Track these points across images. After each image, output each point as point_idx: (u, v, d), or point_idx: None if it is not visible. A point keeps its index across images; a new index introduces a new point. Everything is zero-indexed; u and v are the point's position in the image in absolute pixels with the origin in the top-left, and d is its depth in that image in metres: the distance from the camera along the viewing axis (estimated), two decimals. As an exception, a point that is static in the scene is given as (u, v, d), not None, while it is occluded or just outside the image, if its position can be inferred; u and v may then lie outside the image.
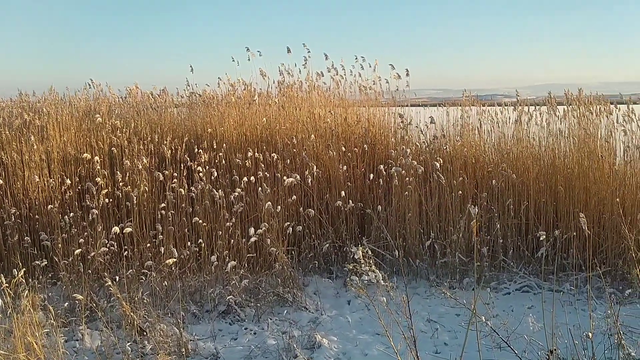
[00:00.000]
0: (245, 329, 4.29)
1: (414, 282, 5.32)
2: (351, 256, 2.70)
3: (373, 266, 2.22)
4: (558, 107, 5.97)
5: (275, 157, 5.58)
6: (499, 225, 5.25)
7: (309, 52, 6.74)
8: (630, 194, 5.17)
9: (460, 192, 5.42)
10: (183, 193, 5.04)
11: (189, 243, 4.85)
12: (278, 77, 6.99)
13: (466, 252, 5.28)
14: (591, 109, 5.69)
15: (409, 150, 5.70)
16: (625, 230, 3.22)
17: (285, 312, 4.50)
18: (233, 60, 6.79)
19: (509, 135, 6.05)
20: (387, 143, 6.41)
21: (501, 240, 5.28)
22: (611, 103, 5.80)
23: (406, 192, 5.46)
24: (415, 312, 4.54)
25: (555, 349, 2.68)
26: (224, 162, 5.55)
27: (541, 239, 3.73)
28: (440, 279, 5.24)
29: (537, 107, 6.12)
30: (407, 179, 5.46)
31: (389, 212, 5.56)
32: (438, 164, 5.42)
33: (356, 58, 6.70)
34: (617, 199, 4.78)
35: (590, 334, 3.20)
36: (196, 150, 5.54)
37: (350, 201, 5.50)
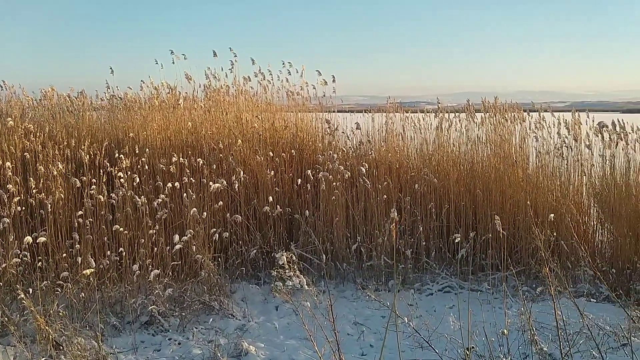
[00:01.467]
0: (169, 339, 4.16)
1: (342, 286, 5.38)
2: (278, 262, 2.70)
3: (297, 271, 2.21)
4: (476, 114, 6.26)
5: (201, 162, 5.47)
6: (421, 228, 5.42)
7: (235, 56, 6.69)
8: (542, 197, 5.49)
9: (385, 196, 5.55)
10: (102, 200, 4.82)
11: (108, 252, 4.65)
12: (204, 81, 6.89)
13: (391, 255, 5.40)
14: (506, 116, 6.00)
15: (336, 156, 5.77)
16: (535, 231, 3.41)
17: (212, 320, 4.41)
18: (157, 63, 6.62)
19: (431, 141, 6.26)
20: (315, 148, 6.46)
21: (424, 243, 5.45)
22: (524, 111, 6.16)
23: (333, 197, 5.53)
24: (342, 316, 4.60)
25: (472, 347, 2.79)
26: (146, 167, 5.36)
27: (456, 241, 3.88)
28: (367, 281, 5.33)
29: (456, 114, 6.38)
30: (334, 183, 5.53)
31: (316, 216, 5.60)
32: (364, 169, 5.52)
33: (283, 63, 6.73)
34: (529, 202, 5.06)
35: (505, 331, 3.36)
36: (117, 155, 5.33)
37: (278, 206, 5.49)
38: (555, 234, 5.00)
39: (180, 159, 5.44)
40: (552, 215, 4.96)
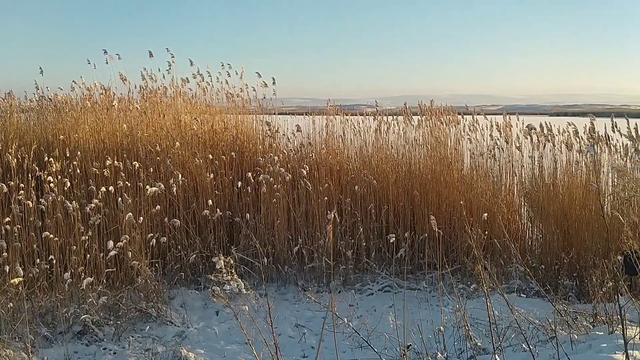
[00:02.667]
0: (104, 349, 4.03)
1: (283, 288, 5.37)
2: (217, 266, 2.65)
3: (235, 275, 2.19)
4: (413, 117, 6.41)
5: (137, 165, 5.31)
6: (362, 229, 5.48)
7: (172, 57, 6.55)
8: (476, 197, 5.69)
9: (327, 198, 5.59)
10: (31, 205, 4.60)
11: (38, 260, 4.44)
12: (140, 82, 6.71)
13: (332, 256, 5.44)
14: (442, 119, 6.18)
15: (276, 158, 5.76)
16: (468, 230, 3.53)
17: (148, 328, 4.30)
18: (89, 63, 6.38)
19: (370, 144, 6.36)
20: (256, 151, 6.42)
21: (364, 243, 5.52)
22: (459, 114, 6.36)
23: (274, 200, 5.51)
24: (284, 318, 4.60)
25: (409, 345, 2.85)
26: (78, 171, 5.15)
27: (391, 241, 3.95)
28: (309, 283, 5.34)
29: (394, 117, 6.51)
30: (276, 186, 5.51)
31: (257, 219, 5.57)
32: (305, 171, 5.54)
33: (222, 65, 6.65)
34: (462, 202, 5.23)
35: (442, 328, 3.46)
36: (46, 158, 5.09)
37: (218, 210, 5.42)
38: (487, 232, 5.19)
39: (115, 162, 5.26)
40: (485, 214, 5.15)
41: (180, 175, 5.38)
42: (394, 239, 3.93)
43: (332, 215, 2.80)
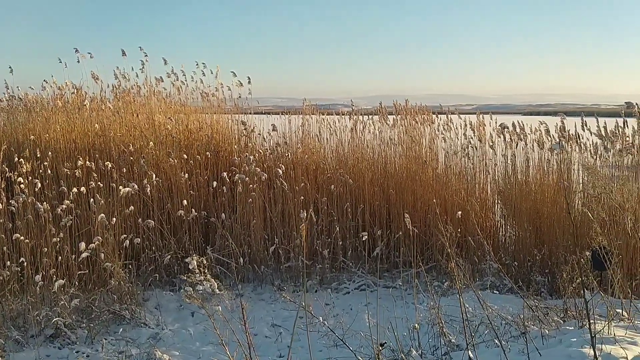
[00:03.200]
0: (77, 352, 3.97)
1: (260, 288, 5.36)
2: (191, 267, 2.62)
3: (208, 275, 2.17)
4: (389, 116, 6.45)
5: (110, 165, 5.23)
6: (338, 228, 5.50)
7: (146, 55, 6.46)
8: (451, 196, 5.75)
9: (303, 197, 5.59)
10: (1, 207, 4.50)
11: (8, 262, 4.34)
12: (113, 81, 6.61)
13: (309, 256, 5.45)
14: (417, 118, 6.23)
15: (252, 157, 5.74)
16: (441, 228, 3.57)
17: (122, 330, 4.24)
18: (60, 62, 6.26)
19: (346, 143, 6.38)
20: (231, 150, 6.38)
21: (341, 242, 5.54)
22: (433, 113, 6.43)
23: (250, 199, 5.48)
24: (260, 318, 4.58)
25: (385, 342, 2.87)
26: (49, 172, 5.06)
27: (363, 239, 3.97)
28: (285, 283, 5.34)
29: (370, 116, 6.54)
30: (251, 186, 5.49)
31: (233, 219, 5.54)
32: (281, 171, 5.53)
33: (197, 64, 6.59)
34: (434, 200, 5.28)
35: (417, 325, 3.49)
36: (17, 159, 4.99)
37: (194, 210, 5.37)
38: (461, 230, 5.25)
39: (87, 162, 5.17)
40: (459, 212, 5.20)
41: (154, 176, 5.32)
42: (366, 236, 3.95)
43: (305, 214, 2.79)
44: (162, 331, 4.33)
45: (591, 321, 2.25)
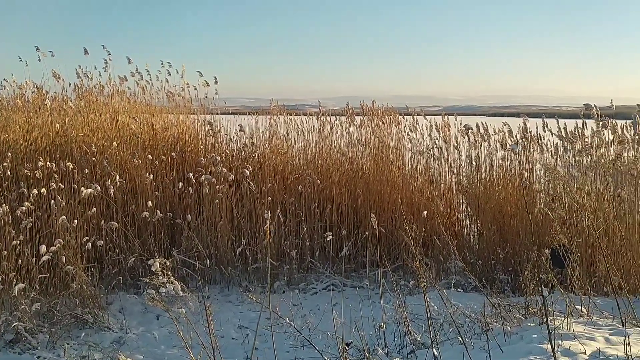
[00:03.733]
0: (38, 357, 3.87)
1: (227, 290, 5.32)
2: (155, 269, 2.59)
3: (172, 277, 2.14)
4: (356, 117, 6.49)
5: (72, 166, 5.11)
6: (305, 229, 5.50)
7: (109, 54, 6.34)
8: (417, 196, 5.82)
9: (270, 198, 5.57)
10: (-44, 210, 4.34)
11: (-35, 266, 4.20)
12: (75, 80, 6.46)
13: (277, 256, 5.43)
14: (383, 119, 6.29)
15: (219, 158, 5.69)
16: (406, 228, 3.62)
17: (84, 334, 4.15)
18: (20, 60, 6.09)
19: (314, 143, 6.39)
20: (197, 151, 6.32)
21: (308, 243, 5.54)
22: (400, 114, 6.49)
23: (217, 200, 5.44)
24: (227, 320, 4.55)
25: (351, 342, 2.88)
26: (9, 172, 4.91)
27: (328, 239, 3.99)
28: (253, 284, 5.31)
29: (338, 117, 6.57)
30: (218, 186, 5.44)
31: (200, 220, 5.48)
32: (248, 171, 5.50)
33: (162, 63, 6.50)
34: (399, 199, 5.34)
35: (383, 324, 3.52)
36: (-26, 160, 4.83)
37: (159, 211, 5.29)
38: (427, 230, 5.31)
39: (48, 163, 5.04)
40: (425, 212, 5.27)
41: (117, 177, 5.22)
42: (330, 236, 3.96)
43: (269, 215, 2.79)
44: (126, 335, 4.25)
45: (550, 317, 2.31)
